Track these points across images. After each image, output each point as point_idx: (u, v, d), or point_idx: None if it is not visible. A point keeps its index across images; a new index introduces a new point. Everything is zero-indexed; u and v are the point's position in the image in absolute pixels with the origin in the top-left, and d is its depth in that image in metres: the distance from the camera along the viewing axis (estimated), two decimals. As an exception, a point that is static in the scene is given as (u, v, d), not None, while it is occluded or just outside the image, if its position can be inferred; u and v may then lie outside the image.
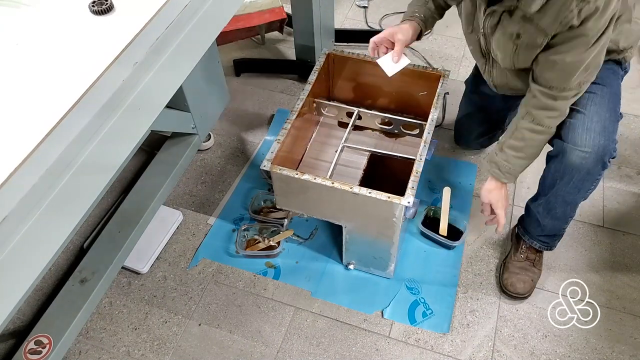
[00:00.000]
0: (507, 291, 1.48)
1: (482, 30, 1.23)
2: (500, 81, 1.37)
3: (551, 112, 1.20)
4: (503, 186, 1.34)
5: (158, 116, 1.01)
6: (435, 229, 1.57)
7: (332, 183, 1.23)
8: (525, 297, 1.48)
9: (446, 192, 1.61)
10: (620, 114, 1.30)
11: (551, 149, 1.29)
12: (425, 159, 1.29)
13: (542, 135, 1.24)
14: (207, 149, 1.90)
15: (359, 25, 2.38)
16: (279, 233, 1.61)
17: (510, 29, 1.15)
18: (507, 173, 1.30)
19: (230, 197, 1.76)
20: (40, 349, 1.28)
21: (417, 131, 1.55)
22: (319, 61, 1.52)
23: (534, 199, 1.42)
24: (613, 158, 1.25)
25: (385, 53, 1.38)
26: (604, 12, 1.03)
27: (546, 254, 1.57)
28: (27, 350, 1.28)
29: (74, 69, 0.82)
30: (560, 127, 1.25)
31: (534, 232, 1.46)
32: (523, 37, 1.14)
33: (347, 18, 2.42)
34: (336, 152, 1.42)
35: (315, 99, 1.55)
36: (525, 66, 1.23)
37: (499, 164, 1.30)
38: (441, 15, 1.43)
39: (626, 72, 1.35)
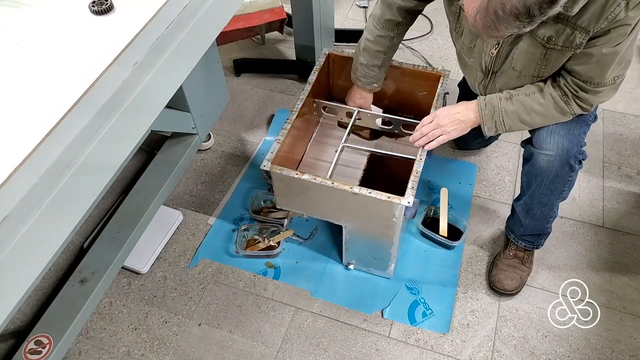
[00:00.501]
0: (494, 287, 1.49)
1: (496, 46, 1.18)
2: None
3: (582, 102, 1.17)
4: (471, 125, 1.27)
5: (158, 116, 1.01)
6: (435, 229, 1.58)
7: (332, 183, 1.23)
8: (513, 294, 1.49)
9: (443, 193, 1.62)
10: (596, 115, 1.31)
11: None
12: (425, 159, 1.29)
13: (560, 115, 1.19)
14: (207, 149, 1.90)
15: (359, 25, 2.38)
16: (279, 233, 1.61)
17: (542, 33, 1.09)
18: (497, 121, 1.24)
19: (230, 197, 1.76)
20: (40, 349, 1.28)
21: (417, 131, 1.55)
22: (319, 61, 1.52)
23: (517, 199, 1.43)
24: (582, 160, 1.25)
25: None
26: None
27: (546, 254, 1.57)
28: (27, 350, 1.28)
29: (74, 69, 0.82)
30: (530, 131, 1.27)
31: (517, 232, 1.48)
32: (557, 39, 1.08)
33: (347, 18, 2.42)
34: (336, 152, 1.42)
35: (315, 99, 1.55)
36: (549, 74, 1.18)
37: (496, 109, 1.23)
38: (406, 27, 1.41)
39: (596, 117, 1.32)
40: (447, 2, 1.26)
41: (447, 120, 1.27)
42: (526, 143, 1.31)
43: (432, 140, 1.28)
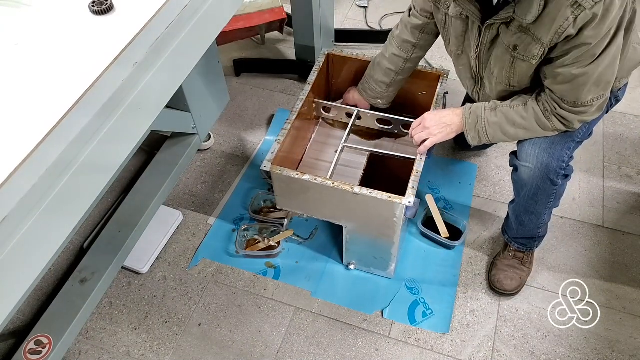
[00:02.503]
0: (494, 288, 1.49)
1: (476, 50, 1.19)
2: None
3: (563, 119, 1.16)
4: (456, 130, 1.28)
5: (158, 116, 1.01)
6: (435, 229, 1.58)
7: (333, 183, 1.23)
8: (513, 294, 1.49)
9: (429, 199, 1.62)
10: (591, 133, 1.30)
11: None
12: (425, 159, 1.29)
13: (542, 129, 1.19)
14: (207, 149, 1.90)
15: (359, 25, 2.38)
16: (279, 233, 1.61)
17: (507, 41, 1.10)
18: (480, 131, 1.24)
19: (230, 197, 1.76)
20: (40, 349, 1.28)
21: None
22: (319, 61, 1.52)
23: (511, 202, 1.43)
24: (567, 175, 1.25)
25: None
26: (604, 20, 0.97)
27: (546, 254, 1.57)
28: (27, 350, 1.28)
29: (74, 69, 0.82)
30: (517, 141, 1.28)
31: (511, 234, 1.49)
32: (520, 48, 1.10)
33: (347, 18, 2.42)
34: (336, 152, 1.42)
35: (315, 99, 1.55)
36: (519, 84, 1.19)
37: (480, 118, 1.23)
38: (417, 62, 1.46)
39: (618, 100, 1.30)
40: (435, 9, 1.27)
41: (433, 123, 1.28)
42: (512, 153, 1.32)
43: (419, 145, 1.29)
